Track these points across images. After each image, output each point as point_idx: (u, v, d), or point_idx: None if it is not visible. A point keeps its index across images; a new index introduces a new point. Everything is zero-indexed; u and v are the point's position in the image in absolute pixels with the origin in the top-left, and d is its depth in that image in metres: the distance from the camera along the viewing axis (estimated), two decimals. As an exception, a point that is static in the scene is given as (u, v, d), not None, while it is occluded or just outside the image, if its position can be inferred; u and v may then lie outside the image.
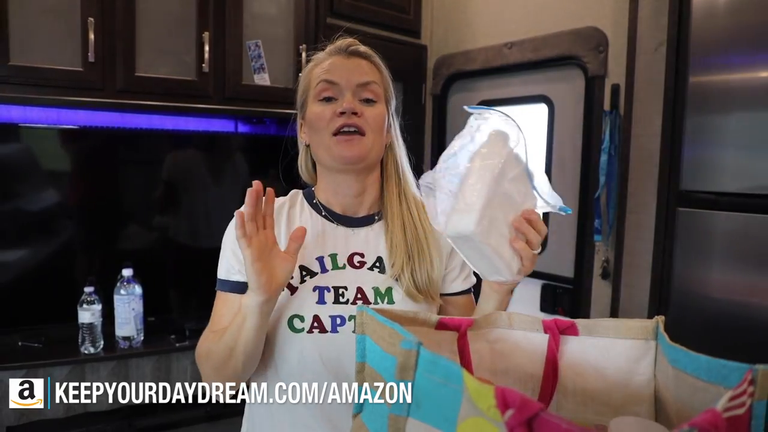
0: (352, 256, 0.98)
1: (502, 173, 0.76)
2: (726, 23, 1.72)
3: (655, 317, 0.70)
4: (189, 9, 2.04)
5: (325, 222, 1.01)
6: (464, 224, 0.74)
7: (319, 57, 1.01)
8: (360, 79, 0.96)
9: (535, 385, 0.74)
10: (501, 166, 0.76)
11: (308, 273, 0.96)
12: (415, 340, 0.54)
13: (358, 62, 0.98)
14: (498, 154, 0.77)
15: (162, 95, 2.03)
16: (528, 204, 0.81)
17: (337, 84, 0.95)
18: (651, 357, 0.70)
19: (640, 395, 0.70)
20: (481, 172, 0.76)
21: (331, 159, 0.96)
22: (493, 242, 0.77)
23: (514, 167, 0.79)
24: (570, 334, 0.73)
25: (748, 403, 0.51)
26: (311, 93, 0.98)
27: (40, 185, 1.99)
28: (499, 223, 0.78)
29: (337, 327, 0.92)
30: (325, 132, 0.95)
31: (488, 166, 0.76)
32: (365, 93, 0.96)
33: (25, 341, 1.90)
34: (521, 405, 0.43)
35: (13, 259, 1.94)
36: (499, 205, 0.77)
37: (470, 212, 0.74)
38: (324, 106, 0.95)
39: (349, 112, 0.93)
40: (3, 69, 1.77)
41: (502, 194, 0.77)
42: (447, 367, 0.50)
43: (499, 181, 0.76)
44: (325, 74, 0.96)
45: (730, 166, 1.72)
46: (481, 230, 0.74)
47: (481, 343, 0.77)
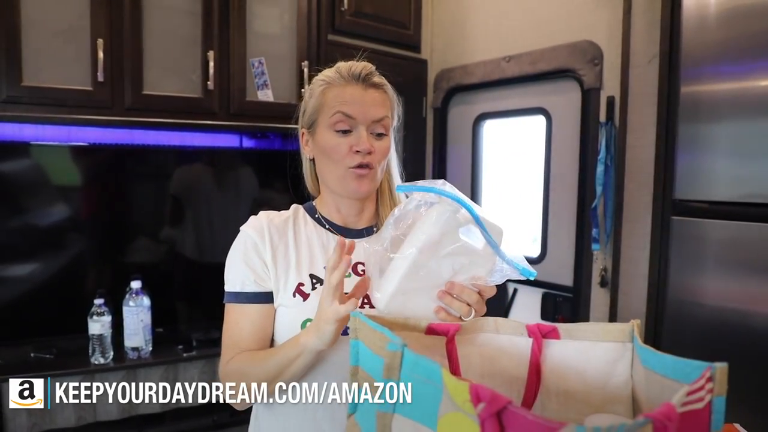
0: (355, 265, 1.04)
1: (433, 250, 0.82)
2: (716, 35, 1.75)
3: (631, 321, 0.74)
4: (194, 29, 2.12)
5: (329, 234, 1.07)
6: (376, 301, 0.86)
7: (334, 78, 1.03)
8: (376, 116, 1.01)
9: (520, 387, 0.78)
10: (430, 243, 0.82)
11: (318, 281, 1.01)
12: (400, 342, 0.59)
13: (373, 95, 1.02)
14: (430, 229, 0.82)
15: (169, 112, 2.10)
16: (467, 275, 0.85)
17: (354, 118, 1.00)
18: (628, 359, 0.73)
19: (619, 395, 0.74)
20: (407, 249, 0.83)
21: (343, 190, 1.03)
22: (409, 314, 0.84)
23: (453, 241, 0.82)
24: (552, 338, 0.77)
25: (707, 398, 0.55)
26: (325, 118, 1.02)
27: (51, 201, 2.06)
28: (420, 297, 0.85)
29: (348, 330, 0.98)
30: (341, 164, 1.00)
31: (414, 244, 0.82)
32: (378, 128, 1.02)
33: (38, 352, 1.95)
34: (491, 399, 0.47)
35: (26, 273, 2.00)
36: (422, 281, 0.84)
37: (382, 292, 0.84)
38: (339, 138, 1.00)
39: (365, 151, 0.99)
40: (16, 89, 1.84)
41: (430, 270, 0.83)
42: (428, 366, 0.55)
43: (427, 259, 0.82)
44: (342, 106, 1.00)
45: (722, 175, 1.75)
46: (395, 309, 0.84)
47: (470, 348, 0.81)
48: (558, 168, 2.45)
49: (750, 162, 1.70)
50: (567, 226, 2.41)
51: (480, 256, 0.84)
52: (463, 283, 0.84)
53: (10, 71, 1.82)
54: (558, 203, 2.46)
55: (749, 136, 1.71)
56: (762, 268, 1.68)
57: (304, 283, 1.00)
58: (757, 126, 1.69)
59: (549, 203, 2.49)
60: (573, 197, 2.37)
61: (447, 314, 0.84)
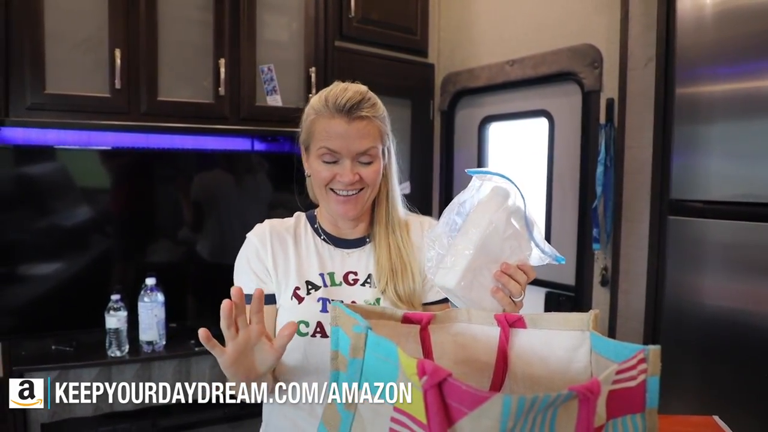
0: (347, 274, 1.13)
1: (496, 231, 0.90)
2: (710, 37, 1.79)
3: (591, 311, 0.79)
4: (206, 38, 2.21)
5: (324, 244, 1.15)
6: (447, 280, 0.89)
7: (320, 110, 1.05)
8: (360, 149, 1.04)
9: (490, 373, 0.84)
10: (494, 225, 0.89)
11: (313, 287, 1.10)
12: (365, 324, 0.66)
13: (358, 127, 1.03)
14: (493, 212, 0.90)
15: (182, 117, 2.20)
16: (517, 257, 0.93)
17: (338, 152, 1.04)
18: (587, 346, 0.78)
19: (579, 380, 0.78)
20: (472, 231, 0.89)
21: (328, 209, 1.11)
22: (474, 296, 0.91)
23: (509, 226, 0.91)
24: (518, 327, 0.83)
25: (640, 378, 0.61)
26: (314, 148, 1.07)
27: (72, 202, 2.16)
28: (483, 277, 0.91)
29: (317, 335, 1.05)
30: (324, 188, 1.07)
31: (478, 226, 0.89)
32: (364, 158, 1.05)
33: (58, 345, 2.06)
34: (433, 372, 0.54)
35: (50, 271, 2.11)
36: (486, 261, 0.90)
37: (453, 271, 0.89)
38: (325, 166, 1.06)
39: (348, 183, 1.04)
40: (40, 97, 1.96)
41: (492, 251, 0.90)
42: (386, 346, 0.62)
43: (491, 239, 0.89)
44: (327, 141, 1.03)
45: (717, 175, 1.78)
46: (463, 286, 0.89)
47: (445, 336, 0.87)
48: (560, 169, 2.50)
49: (745, 162, 1.73)
50: (569, 225, 2.45)
51: (525, 240, 0.93)
52: (515, 265, 0.92)
53: (34, 80, 1.94)
54: (560, 203, 2.50)
55: (744, 136, 1.73)
56: (757, 266, 1.71)
57: (300, 288, 1.08)
58: (751, 126, 1.72)
59: (551, 203, 2.53)
60: (574, 197, 2.41)
61: (503, 294, 0.91)
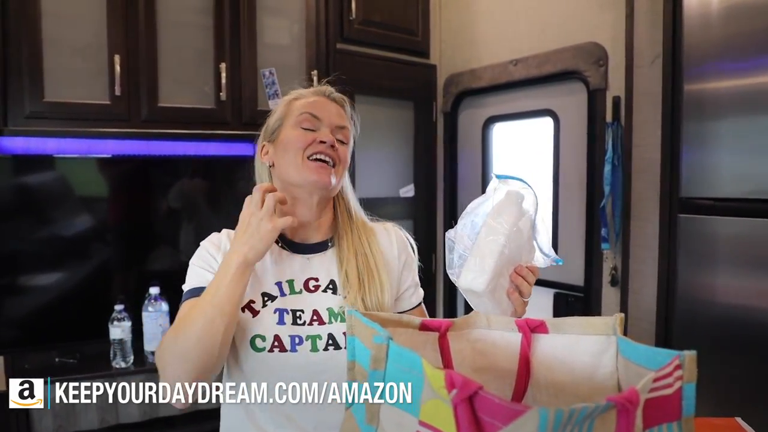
0: (307, 281, 1.07)
1: (519, 235, 0.91)
2: (718, 33, 1.77)
3: (615, 314, 0.77)
4: (207, 42, 2.19)
5: (282, 251, 1.09)
6: (477, 283, 0.88)
7: (300, 93, 1.13)
8: (339, 122, 1.09)
9: (511, 380, 0.81)
10: (517, 229, 0.90)
11: (269, 297, 1.04)
12: (386, 334, 0.63)
13: (337, 108, 1.11)
14: (511, 214, 0.90)
15: (183, 123, 2.18)
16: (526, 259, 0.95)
17: (319, 120, 1.06)
18: (613, 351, 0.76)
19: (605, 386, 0.76)
20: (495, 234, 0.89)
21: (301, 179, 1.04)
22: (497, 297, 0.92)
23: (526, 230, 0.92)
24: (540, 332, 0.80)
25: (676, 385, 0.58)
26: (290, 120, 1.08)
27: (73, 211, 2.13)
28: (504, 278, 0.92)
29: (296, 346, 1.00)
30: (300, 154, 1.04)
31: (501, 229, 0.89)
32: (340, 134, 1.08)
33: (62, 357, 2.03)
34: (463, 385, 0.51)
35: (52, 281, 2.07)
36: (505, 263, 0.91)
37: (483, 273, 0.88)
38: (304, 132, 1.05)
39: (329, 143, 1.04)
40: (38, 105, 1.93)
41: (513, 254, 0.91)
42: (410, 357, 0.59)
43: (514, 243, 0.90)
44: (310, 108, 1.07)
45: (728, 172, 1.76)
46: (490, 289, 0.89)
47: (463, 343, 0.84)
48: (566, 169, 2.47)
49: (755, 158, 1.70)
50: (577, 225, 2.42)
51: (530, 242, 0.94)
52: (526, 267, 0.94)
53: (32, 88, 1.91)
54: (567, 203, 2.47)
55: (754, 132, 1.71)
56: (770, 264, 1.69)
57: (255, 301, 1.02)
58: (761, 122, 1.69)
59: (558, 204, 2.50)
60: (582, 197, 2.38)
61: (517, 295, 0.93)
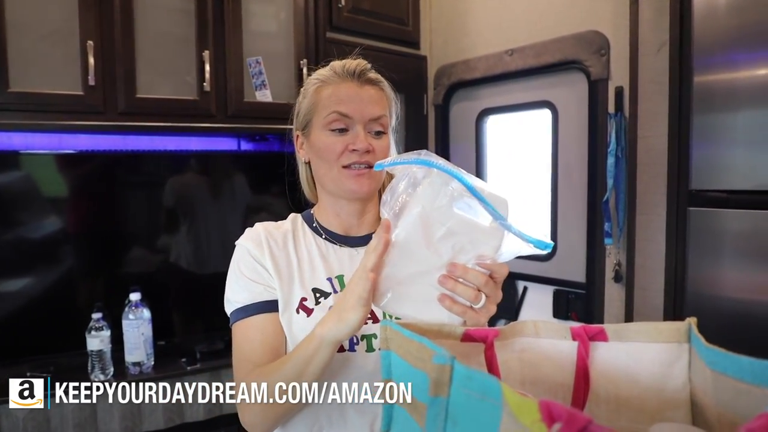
0: None
1: (425, 230, 0.73)
2: (728, 21, 1.71)
3: (687, 319, 0.67)
4: (188, 29, 2.04)
5: (327, 244, 1.01)
6: (376, 299, 0.77)
7: (329, 77, 0.99)
8: (372, 114, 0.96)
9: (566, 394, 0.72)
10: (418, 225, 0.73)
11: (322, 294, 0.95)
12: (447, 354, 0.52)
13: (370, 92, 0.97)
14: (414, 211, 0.73)
15: (164, 116, 2.02)
16: (471, 254, 0.74)
17: (350, 117, 0.94)
18: (685, 360, 0.67)
19: (676, 400, 0.67)
20: (392, 243, 0.74)
21: (339, 191, 0.96)
22: (409, 311, 0.76)
23: (446, 218, 0.73)
24: (599, 341, 0.71)
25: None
26: (319, 118, 0.96)
27: (42, 212, 1.97)
28: (421, 285, 0.75)
29: (354, 346, 0.92)
30: (335, 164, 0.94)
31: (398, 233, 0.74)
32: (376, 126, 0.97)
33: (34, 372, 1.85)
34: (569, 418, 0.41)
35: (17, 288, 1.91)
36: (419, 266, 0.74)
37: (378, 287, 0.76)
38: (335, 137, 0.95)
39: (362, 150, 0.93)
40: (3, 96, 1.75)
41: (424, 254, 0.74)
42: (484, 381, 0.48)
43: (419, 241, 0.73)
44: (337, 105, 0.95)
45: (739, 164, 1.70)
46: (394, 299, 0.76)
47: (508, 354, 0.74)
48: (566, 162, 2.40)
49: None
50: (577, 220, 2.35)
51: (482, 232, 0.73)
52: (466, 265, 0.73)
53: (-5, 77, 1.74)
54: (567, 198, 2.40)
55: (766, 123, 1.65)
56: (786, 257, 1.64)
57: (307, 298, 0.94)
58: (774, 112, 1.64)
59: (558, 198, 2.43)
60: (583, 191, 2.31)
61: (453, 302, 0.73)
